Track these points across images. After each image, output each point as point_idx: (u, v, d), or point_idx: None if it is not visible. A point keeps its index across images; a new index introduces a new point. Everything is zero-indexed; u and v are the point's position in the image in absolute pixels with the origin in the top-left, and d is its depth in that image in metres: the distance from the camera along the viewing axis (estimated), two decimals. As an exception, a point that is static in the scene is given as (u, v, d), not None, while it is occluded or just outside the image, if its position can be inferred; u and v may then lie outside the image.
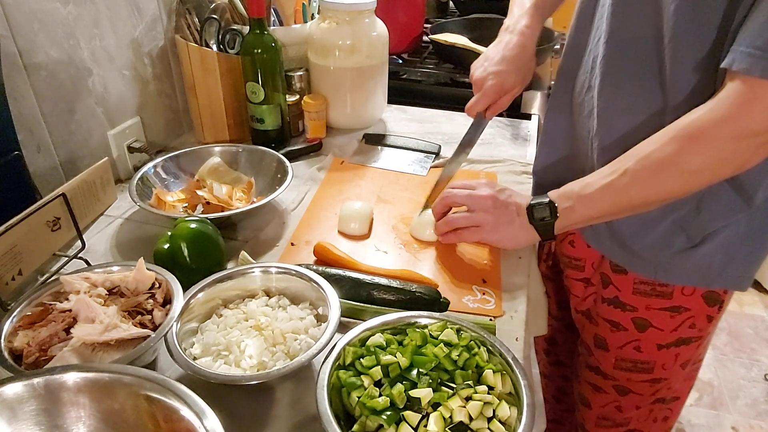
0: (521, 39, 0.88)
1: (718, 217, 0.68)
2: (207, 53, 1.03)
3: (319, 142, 1.15)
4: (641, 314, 0.79)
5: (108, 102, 0.96)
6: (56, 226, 0.76)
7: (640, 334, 0.80)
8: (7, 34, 0.75)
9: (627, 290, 0.78)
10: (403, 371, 0.55)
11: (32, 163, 0.82)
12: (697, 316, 0.77)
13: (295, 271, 0.69)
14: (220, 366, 0.58)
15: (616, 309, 0.81)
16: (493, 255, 0.84)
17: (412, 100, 1.40)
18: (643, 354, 0.81)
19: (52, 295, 0.63)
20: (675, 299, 0.76)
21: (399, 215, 0.94)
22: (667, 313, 0.77)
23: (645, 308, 0.78)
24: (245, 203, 0.89)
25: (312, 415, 0.59)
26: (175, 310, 0.61)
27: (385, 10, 1.19)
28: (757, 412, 1.78)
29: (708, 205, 0.68)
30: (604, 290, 0.82)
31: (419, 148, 1.16)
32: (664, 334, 0.79)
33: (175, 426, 0.45)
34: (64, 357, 0.54)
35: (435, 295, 0.72)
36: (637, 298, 0.78)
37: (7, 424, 0.45)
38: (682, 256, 0.72)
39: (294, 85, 1.18)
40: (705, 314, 0.77)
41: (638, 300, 0.78)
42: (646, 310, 0.78)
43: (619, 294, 0.80)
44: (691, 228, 0.70)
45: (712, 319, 0.78)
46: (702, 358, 0.86)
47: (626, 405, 0.88)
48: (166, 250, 0.71)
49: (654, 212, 0.70)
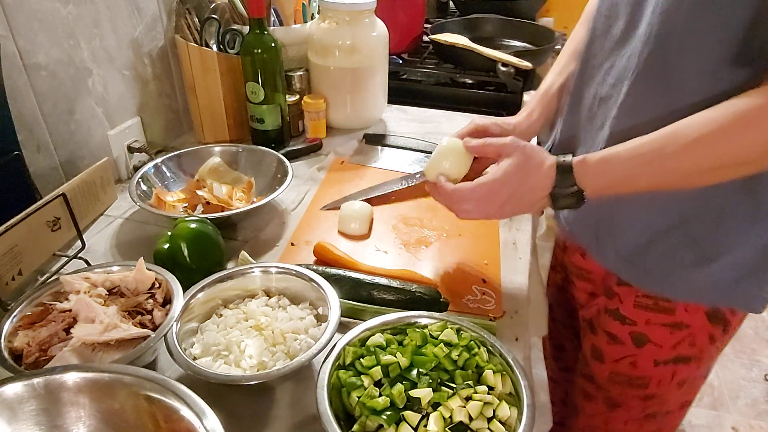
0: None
1: (734, 231, 0.65)
2: (207, 53, 1.03)
3: (319, 142, 1.15)
4: (640, 329, 0.76)
5: (108, 102, 0.96)
6: (56, 226, 0.76)
7: (637, 349, 0.77)
8: (7, 34, 0.75)
9: (628, 303, 0.76)
10: (403, 371, 0.55)
11: (32, 163, 0.82)
12: (697, 334, 0.73)
13: (295, 271, 0.69)
14: (220, 366, 0.58)
15: (615, 321, 0.78)
16: (493, 255, 0.84)
17: (412, 100, 1.40)
18: (639, 369, 0.78)
19: (52, 295, 0.63)
20: (677, 315, 0.73)
21: (399, 215, 0.94)
22: (666, 328, 0.74)
23: (645, 323, 0.75)
24: (245, 203, 0.89)
25: (312, 415, 0.59)
26: (175, 310, 0.61)
27: (385, 10, 1.19)
28: (757, 412, 1.77)
29: (726, 217, 0.64)
30: (608, 301, 0.79)
31: (419, 148, 1.15)
32: (662, 351, 0.76)
33: (175, 426, 0.45)
34: (64, 357, 0.54)
35: (435, 295, 0.72)
36: (638, 311, 0.75)
37: (7, 424, 0.45)
38: (691, 272, 0.68)
39: (294, 85, 1.18)
40: (707, 333, 0.73)
41: (638, 314, 0.75)
42: (646, 325, 0.75)
43: (620, 306, 0.77)
44: (705, 241, 0.66)
45: (714, 340, 0.74)
46: (702, 381, 0.82)
47: (614, 419, 0.85)
48: (166, 250, 0.71)
49: (666, 223, 0.67)
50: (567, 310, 0.99)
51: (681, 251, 0.68)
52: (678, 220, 0.67)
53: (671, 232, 0.68)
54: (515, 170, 0.65)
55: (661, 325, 0.74)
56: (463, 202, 0.69)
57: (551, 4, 2.08)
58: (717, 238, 0.66)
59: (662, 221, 0.68)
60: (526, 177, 0.65)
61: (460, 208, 0.70)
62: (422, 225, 0.91)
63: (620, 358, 0.79)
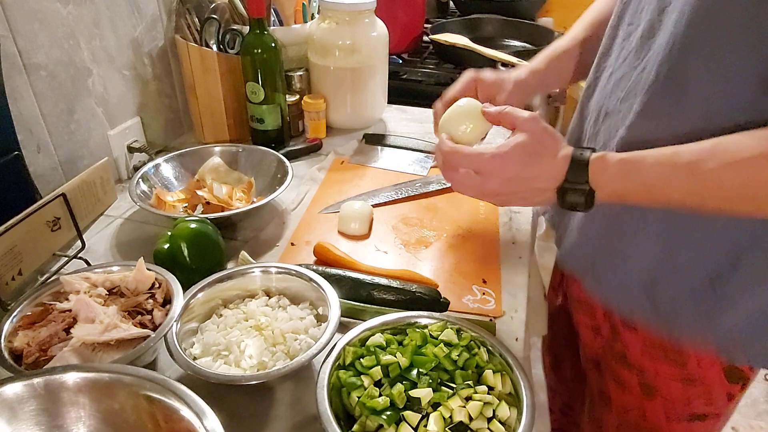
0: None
1: (754, 277, 0.58)
2: (207, 53, 1.03)
3: (319, 142, 1.15)
4: (649, 379, 0.69)
5: (108, 102, 0.96)
6: (56, 226, 0.76)
7: (647, 400, 0.70)
8: (7, 34, 0.75)
9: (635, 349, 0.69)
10: (403, 371, 0.55)
11: (32, 163, 0.82)
12: (714, 392, 0.66)
13: (295, 271, 0.68)
14: (220, 366, 0.58)
15: (622, 368, 0.72)
16: (493, 255, 0.84)
17: (412, 100, 1.40)
18: (649, 422, 0.71)
19: (52, 295, 0.63)
20: (689, 368, 0.65)
21: (399, 215, 0.94)
22: (679, 383, 0.67)
23: (654, 374, 0.68)
24: (245, 203, 0.89)
25: (312, 415, 0.59)
26: (175, 310, 0.61)
27: (385, 10, 1.19)
28: (757, 412, 1.77)
29: (746, 261, 0.57)
30: (614, 342, 0.73)
31: (419, 148, 1.15)
32: (674, 407, 0.69)
33: (175, 426, 0.45)
34: (64, 357, 0.54)
35: (435, 295, 0.72)
36: (647, 360, 0.68)
37: (7, 424, 0.45)
38: (705, 318, 0.61)
39: (294, 85, 1.18)
40: (725, 392, 0.66)
41: (648, 363, 0.68)
42: (656, 377, 0.68)
43: (627, 352, 0.70)
44: (722, 286, 0.59)
45: (733, 398, 0.67)
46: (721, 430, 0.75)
47: None
48: (166, 250, 0.71)
49: (677, 259, 0.60)
50: (568, 331, 0.90)
51: (698, 293, 0.61)
52: (692, 255, 0.59)
53: (690, 271, 0.60)
54: (525, 150, 0.57)
55: (673, 379, 0.67)
56: (457, 166, 0.60)
57: (551, 4, 2.08)
58: (733, 284, 0.58)
59: (672, 256, 0.61)
60: (536, 161, 0.57)
61: (454, 175, 0.61)
62: (422, 225, 0.91)
63: (630, 409, 0.74)
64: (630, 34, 0.62)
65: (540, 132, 0.58)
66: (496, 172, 0.58)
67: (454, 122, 0.65)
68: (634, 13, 0.62)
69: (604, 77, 0.66)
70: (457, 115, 0.65)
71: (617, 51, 0.64)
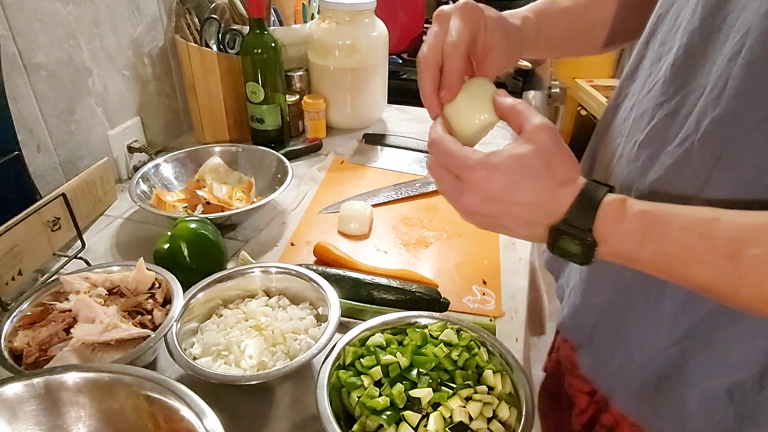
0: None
1: None
2: (207, 53, 1.03)
3: (319, 142, 1.15)
4: None
5: (108, 102, 0.96)
6: (56, 226, 0.76)
7: None
8: (7, 34, 0.75)
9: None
10: (403, 371, 0.55)
11: (32, 163, 0.82)
12: None
13: (295, 271, 0.69)
14: (220, 366, 0.58)
15: None
16: (493, 255, 0.84)
17: (412, 100, 1.40)
18: None
19: (52, 295, 0.63)
20: None
21: (399, 215, 0.94)
22: None
23: None
24: (245, 203, 0.89)
25: (312, 415, 0.59)
26: (175, 310, 0.61)
27: (385, 10, 1.19)
28: None
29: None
30: (603, 415, 0.62)
31: (419, 148, 1.16)
32: None
33: (175, 426, 0.45)
34: (64, 357, 0.54)
35: (435, 295, 0.72)
36: None
37: (7, 424, 0.45)
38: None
39: (294, 85, 1.18)
40: None
41: None
42: None
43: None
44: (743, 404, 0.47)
45: None
46: None
47: None
48: (166, 250, 0.71)
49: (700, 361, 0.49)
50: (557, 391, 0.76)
51: (714, 406, 0.49)
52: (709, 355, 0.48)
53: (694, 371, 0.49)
54: (522, 166, 0.42)
55: None
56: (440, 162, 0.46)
57: (551, 4, 2.08)
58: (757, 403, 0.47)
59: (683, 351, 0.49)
60: (531, 185, 0.42)
61: (436, 171, 0.47)
62: (422, 225, 0.91)
63: None
64: (660, 57, 0.48)
65: (548, 147, 0.42)
66: (477, 184, 0.43)
67: (464, 112, 0.49)
68: (669, 30, 0.48)
69: (625, 108, 0.53)
70: (467, 104, 0.49)
71: (643, 77, 0.51)
